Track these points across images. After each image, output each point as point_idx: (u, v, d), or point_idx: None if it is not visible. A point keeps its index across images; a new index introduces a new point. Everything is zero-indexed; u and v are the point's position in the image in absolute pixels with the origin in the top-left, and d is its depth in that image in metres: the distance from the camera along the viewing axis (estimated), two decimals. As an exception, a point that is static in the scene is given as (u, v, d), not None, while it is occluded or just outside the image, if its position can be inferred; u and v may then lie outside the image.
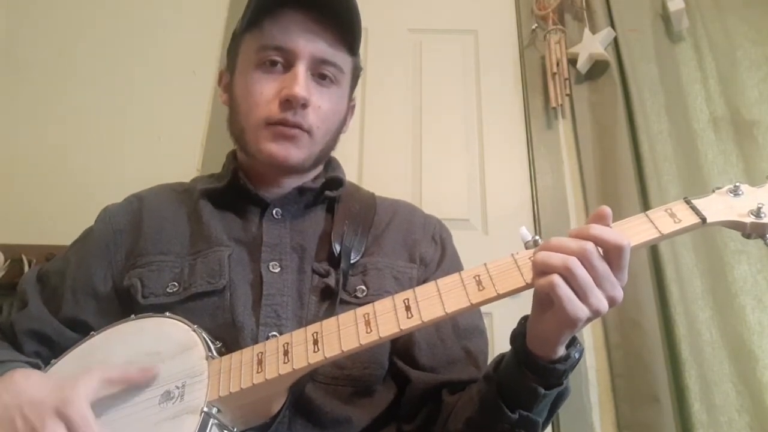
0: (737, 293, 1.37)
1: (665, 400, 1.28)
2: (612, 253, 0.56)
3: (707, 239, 1.43)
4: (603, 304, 0.56)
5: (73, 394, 0.55)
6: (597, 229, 0.57)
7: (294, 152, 0.79)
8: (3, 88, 1.75)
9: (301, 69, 0.78)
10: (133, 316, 0.72)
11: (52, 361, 0.72)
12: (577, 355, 0.63)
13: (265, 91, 0.78)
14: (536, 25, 1.77)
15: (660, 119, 1.57)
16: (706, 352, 1.32)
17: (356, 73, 0.89)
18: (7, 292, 1.35)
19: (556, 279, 0.54)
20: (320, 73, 0.80)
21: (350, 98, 0.90)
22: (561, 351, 0.61)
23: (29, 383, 0.59)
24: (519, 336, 0.64)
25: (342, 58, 0.83)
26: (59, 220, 1.51)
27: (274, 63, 0.79)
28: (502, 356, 0.68)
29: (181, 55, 1.77)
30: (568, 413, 1.37)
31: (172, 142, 1.68)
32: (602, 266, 0.56)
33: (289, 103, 0.77)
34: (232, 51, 0.86)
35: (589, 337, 1.45)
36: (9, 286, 1.40)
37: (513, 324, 0.66)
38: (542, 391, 0.62)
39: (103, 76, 1.77)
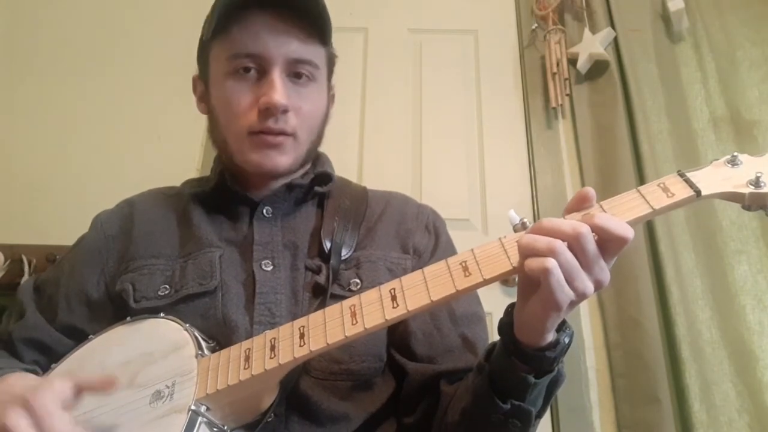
0: (737, 293, 1.37)
1: (665, 400, 1.28)
2: (614, 244, 0.54)
3: (707, 239, 1.43)
4: (589, 288, 0.54)
5: (42, 387, 0.56)
6: (601, 219, 0.54)
7: (280, 159, 0.79)
8: (3, 88, 1.75)
9: (276, 74, 0.76)
10: (129, 318, 0.72)
11: (52, 365, 0.72)
12: (566, 340, 0.62)
13: (242, 101, 0.77)
14: (536, 25, 1.77)
15: (660, 119, 1.57)
16: (706, 352, 1.32)
17: (331, 62, 0.88)
18: (7, 292, 1.35)
19: (549, 262, 0.52)
20: (296, 73, 0.79)
21: (329, 88, 0.88)
22: (550, 337, 0.60)
23: (19, 383, 0.59)
24: (506, 325, 0.62)
25: (315, 53, 0.81)
26: (59, 220, 1.51)
27: (247, 70, 0.77)
28: (493, 345, 0.67)
29: (181, 55, 1.77)
30: (568, 413, 1.37)
31: (172, 142, 1.68)
32: (593, 250, 0.54)
33: (269, 111, 0.76)
34: (202, 59, 0.84)
35: (589, 337, 1.45)
36: (9, 286, 1.40)
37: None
38: (532, 379, 0.61)
39: (104, 76, 1.77)
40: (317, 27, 0.80)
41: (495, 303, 1.43)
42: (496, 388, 0.63)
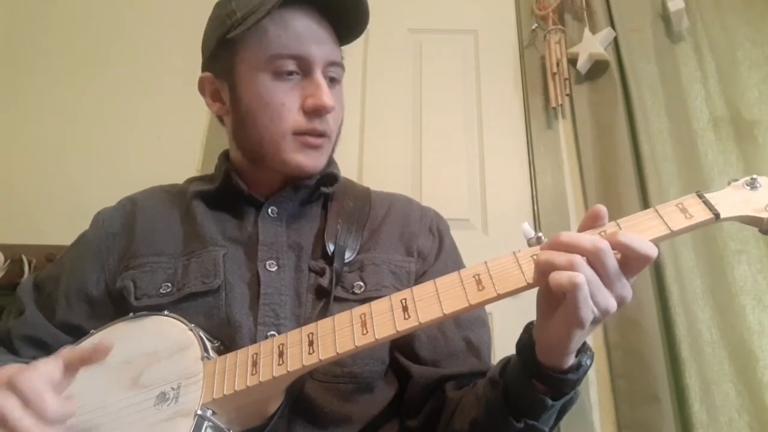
0: (737, 293, 1.37)
1: (665, 400, 1.28)
2: (637, 262, 0.54)
3: (707, 239, 1.43)
4: (612, 305, 0.54)
5: (30, 369, 0.55)
6: (625, 237, 0.54)
7: (320, 160, 0.81)
8: (3, 89, 1.75)
9: (320, 76, 0.78)
10: (131, 314, 0.72)
11: None
12: (588, 362, 0.61)
13: (287, 102, 0.77)
14: (536, 25, 1.76)
15: (660, 119, 1.56)
16: (706, 352, 1.32)
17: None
18: (7, 292, 1.35)
19: (579, 277, 0.51)
20: (329, 76, 0.80)
21: None
22: (572, 359, 0.59)
23: (7, 370, 0.58)
24: (526, 347, 0.61)
25: (340, 55, 0.83)
26: (59, 220, 1.51)
27: (290, 71, 0.77)
28: (508, 359, 0.66)
29: (182, 55, 1.77)
30: (568, 413, 1.37)
31: (172, 142, 1.68)
32: (614, 267, 0.53)
33: (317, 112, 0.77)
34: (223, 57, 0.81)
35: (589, 337, 1.44)
36: (9, 286, 1.40)
37: (513, 324, 0.65)
38: (550, 402, 0.60)
39: (104, 76, 1.77)
40: (357, 28, 0.82)
41: (495, 303, 1.43)
42: (510, 406, 0.63)
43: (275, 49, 0.77)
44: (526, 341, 0.62)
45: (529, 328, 0.63)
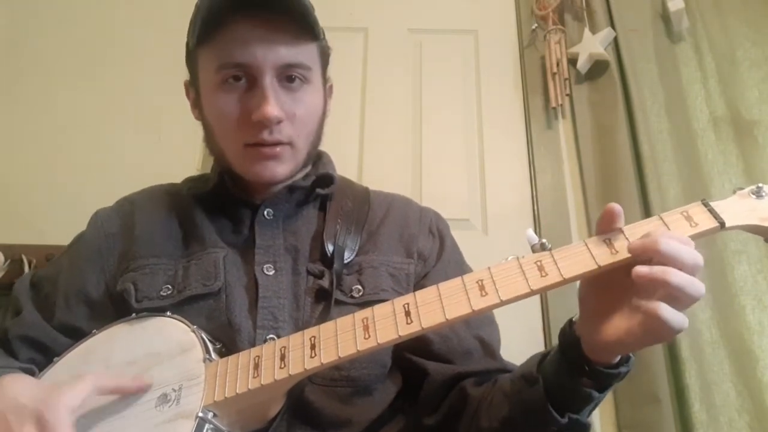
0: (737, 293, 1.37)
1: (665, 400, 1.27)
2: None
3: (707, 239, 1.42)
4: None
5: (55, 401, 0.55)
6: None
7: (279, 169, 0.78)
8: (3, 88, 1.75)
9: (267, 84, 0.74)
10: (134, 315, 0.72)
11: (55, 359, 0.72)
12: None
13: (234, 115, 0.75)
14: (536, 25, 1.76)
15: (660, 119, 1.57)
16: (706, 352, 1.32)
17: (325, 56, 0.85)
18: (7, 292, 1.34)
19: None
20: (287, 77, 0.76)
21: (325, 82, 0.86)
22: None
23: (17, 387, 0.58)
24: (573, 345, 0.61)
25: (306, 53, 0.78)
26: (59, 220, 1.50)
27: (237, 78, 0.75)
28: (543, 356, 0.66)
29: (181, 55, 1.77)
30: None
31: (172, 142, 1.68)
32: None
33: (261, 124, 0.74)
34: (191, 65, 0.82)
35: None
36: (9, 286, 1.40)
37: (514, 324, 0.64)
38: (596, 394, 0.60)
39: (103, 75, 1.76)
40: (303, 26, 0.77)
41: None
42: (552, 402, 0.62)
43: (222, 58, 0.75)
44: (571, 339, 0.61)
45: (570, 324, 0.63)
